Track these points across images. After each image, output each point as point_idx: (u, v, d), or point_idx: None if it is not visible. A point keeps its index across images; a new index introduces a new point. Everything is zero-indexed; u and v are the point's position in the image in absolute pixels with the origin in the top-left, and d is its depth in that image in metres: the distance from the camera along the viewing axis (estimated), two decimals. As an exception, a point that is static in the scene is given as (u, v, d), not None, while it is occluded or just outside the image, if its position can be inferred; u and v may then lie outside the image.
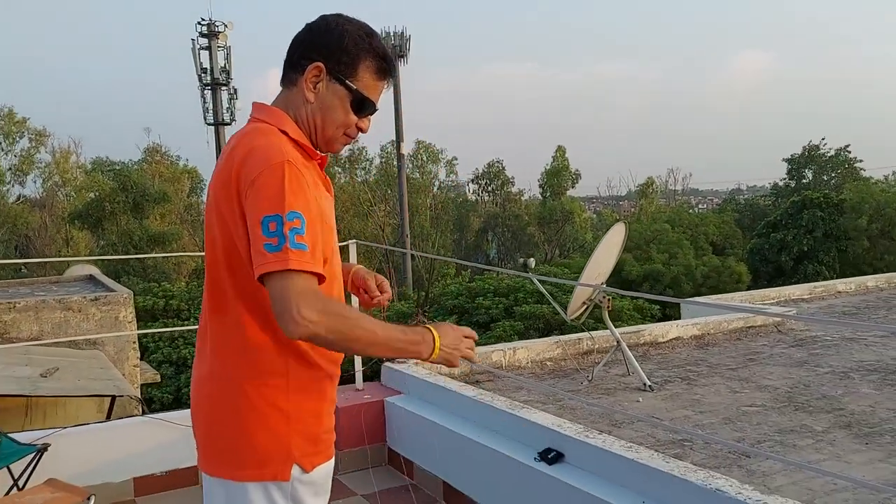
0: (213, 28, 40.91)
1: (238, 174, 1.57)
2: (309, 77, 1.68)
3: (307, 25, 1.73)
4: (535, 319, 18.29)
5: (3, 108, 36.68)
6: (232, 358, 1.63)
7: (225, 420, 1.64)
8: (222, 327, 1.65)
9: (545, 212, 44.44)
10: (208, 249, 1.67)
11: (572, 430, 3.27)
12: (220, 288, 1.65)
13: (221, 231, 1.62)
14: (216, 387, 1.66)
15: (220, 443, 1.65)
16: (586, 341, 5.59)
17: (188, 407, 1.82)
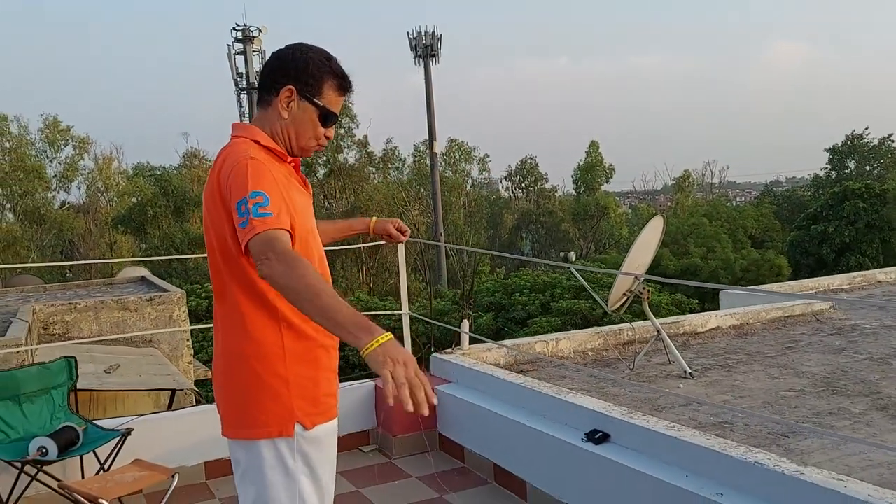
0: (248, 33, 41.61)
1: (219, 181, 1.93)
2: (282, 98, 2.03)
3: (275, 54, 2.08)
4: (573, 315, 18.37)
5: (49, 117, 37.78)
6: (237, 336, 1.95)
7: (238, 389, 1.95)
8: (226, 311, 1.98)
9: (579, 207, 44.36)
10: (209, 248, 1.99)
11: (617, 412, 3.46)
12: (220, 278, 1.98)
13: (215, 231, 1.95)
14: (228, 362, 1.97)
15: (236, 409, 1.96)
16: (627, 332, 5.75)
17: None
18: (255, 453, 1.92)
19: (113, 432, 3.77)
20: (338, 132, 38.21)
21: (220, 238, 1.95)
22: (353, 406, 4.74)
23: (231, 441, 1.99)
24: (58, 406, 3.93)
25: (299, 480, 1.94)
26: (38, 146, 37.56)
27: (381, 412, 4.74)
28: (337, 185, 37.66)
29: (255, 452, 1.93)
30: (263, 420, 1.91)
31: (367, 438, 4.76)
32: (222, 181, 1.91)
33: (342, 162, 38.25)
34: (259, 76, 2.10)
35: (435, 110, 39.40)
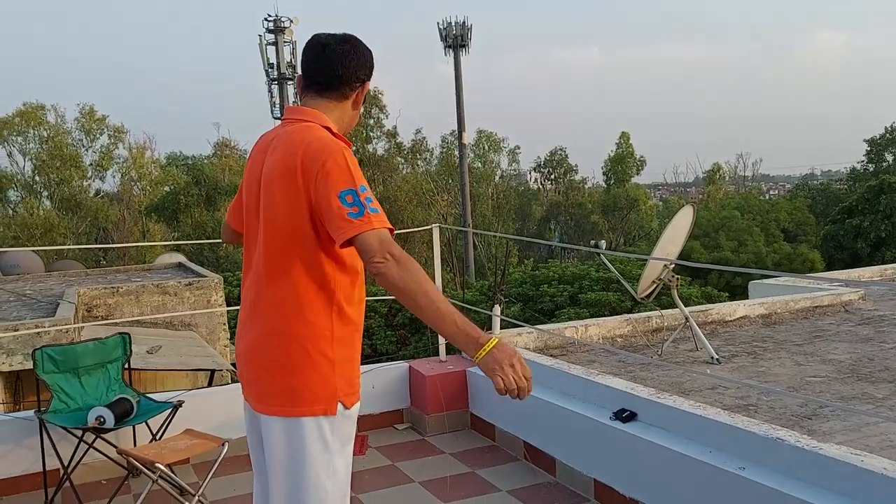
0: (280, 24, 41.98)
1: (302, 163, 1.94)
2: (362, 93, 2.16)
3: (353, 47, 2.13)
4: (602, 307, 18.41)
5: (85, 107, 38.48)
6: (291, 317, 1.99)
7: (287, 368, 1.99)
8: (280, 291, 2.01)
9: (609, 199, 44.15)
10: (269, 229, 2.01)
11: (644, 392, 3.60)
12: (282, 259, 2.00)
13: (287, 211, 1.97)
14: (279, 341, 2.01)
15: (279, 386, 2.00)
16: (655, 319, 5.87)
17: None
18: (299, 430, 1.99)
19: (165, 404, 4.00)
20: (367, 123, 38.47)
21: (295, 219, 1.97)
22: (388, 386, 4.93)
23: (267, 417, 2.03)
24: (113, 379, 4.17)
25: (334, 455, 2.04)
26: (75, 135, 38.33)
27: (415, 392, 4.92)
28: (366, 175, 37.91)
29: (295, 428, 1.99)
30: (310, 398, 1.99)
31: (400, 417, 4.95)
32: (307, 164, 1.94)
33: (371, 152, 38.50)
34: (329, 64, 2.12)
35: (464, 101, 39.50)
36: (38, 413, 3.90)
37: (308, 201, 1.95)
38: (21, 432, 4.03)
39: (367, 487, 3.99)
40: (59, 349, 4.05)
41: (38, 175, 37.36)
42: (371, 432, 4.73)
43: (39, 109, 37.13)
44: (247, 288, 2.13)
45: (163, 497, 3.74)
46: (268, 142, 2.12)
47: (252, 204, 2.10)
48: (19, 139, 37.05)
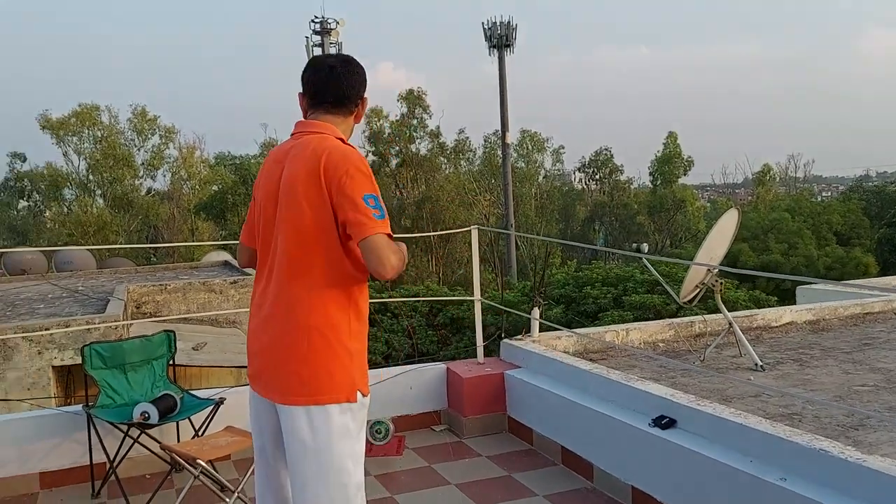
0: (326, 25, 42.43)
1: (326, 166, 2.13)
2: (363, 107, 2.39)
3: (354, 67, 2.35)
4: (646, 310, 18.16)
5: (137, 108, 39.44)
6: (317, 312, 2.16)
7: (310, 359, 2.16)
8: (305, 288, 2.17)
9: (655, 200, 43.56)
10: (291, 229, 2.17)
11: (684, 399, 3.54)
12: (305, 257, 2.17)
13: (314, 213, 2.14)
14: (304, 335, 2.16)
15: (304, 377, 2.16)
16: (699, 324, 5.77)
17: None
18: (324, 416, 2.16)
19: (207, 401, 4.08)
20: (410, 122, 38.61)
21: (320, 219, 2.15)
22: (425, 387, 4.95)
23: (293, 408, 2.17)
24: (158, 375, 4.27)
25: (355, 440, 2.21)
26: (127, 135, 39.29)
27: (453, 394, 4.92)
28: (408, 175, 38.10)
29: (323, 416, 2.16)
30: (333, 387, 2.17)
31: (437, 418, 4.97)
32: (331, 167, 2.14)
33: (414, 152, 38.63)
34: (344, 86, 2.33)
35: (508, 100, 39.39)
36: (85, 408, 4.02)
37: (330, 201, 2.14)
38: (70, 426, 4.15)
39: (404, 488, 4.02)
40: (107, 346, 4.17)
41: (92, 174, 38.41)
42: (408, 433, 4.75)
43: (94, 110, 38.17)
44: (261, 291, 2.30)
45: (204, 492, 3.81)
46: (284, 152, 2.29)
47: (269, 212, 2.26)
48: (74, 139, 38.16)
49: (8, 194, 41.00)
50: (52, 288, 11.22)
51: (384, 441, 4.47)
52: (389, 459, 4.40)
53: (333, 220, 2.15)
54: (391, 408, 4.75)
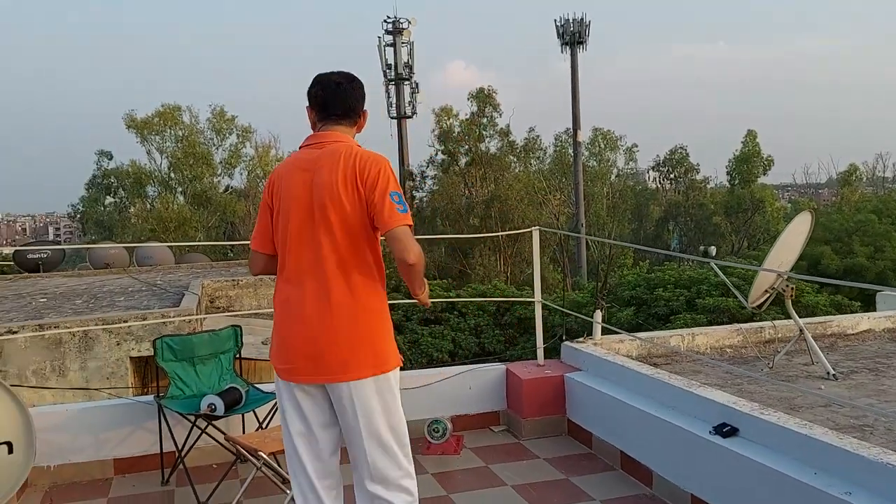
0: (398, 25, 42.86)
1: (360, 171, 2.48)
2: (364, 119, 2.70)
3: (356, 83, 2.67)
4: (719, 313, 17.66)
5: (216, 108, 40.73)
6: (370, 295, 2.54)
7: (370, 337, 2.53)
8: (356, 272, 2.52)
9: (733, 200, 42.31)
10: (340, 228, 2.49)
11: (747, 407, 3.45)
12: (357, 251, 2.51)
13: (353, 208, 2.48)
14: (367, 316, 2.53)
15: (368, 353, 2.52)
16: (768, 330, 5.59)
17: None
18: (387, 382, 2.57)
19: (271, 395, 4.19)
20: (480, 121, 38.59)
21: (362, 217, 2.50)
22: (485, 387, 4.95)
23: (358, 382, 2.51)
24: (225, 369, 4.42)
25: (398, 397, 2.62)
26: (207, 135, 40.61)
27: (512, 395, 4.92)
28: (478, 173, 38.08)
29: (384, 382, 2.56)
30: (386, 357, 2.57)
31: (497, 419, 4.97)
32: (363, 169, 2.49)
33: (483, 151, 38.60)
34: (351, 100, 2.65)
35: (580, 98, 38.95)
36: (156, 398, 4.19)
37: (363, 198, 2.48)
38: (142, 415, 4.34)
39: (460, 487, 4.04)
40: (178, 339, 4.34)
41: (173, 172, 39.87)
42: (466, 433, 4.77)
43: (176, 110, 39.62)
44: (299, 283, 2.56)
45: (266, 484, 3.92)
46: (310, 161, 2.58)
47: (304, 214, 2.54)
48: (157, 138, 39.70)
49: (96, 191, 42.93)
50: (132, 282, 11.73)
51: (442, 440, 4.50)
52: (447, 458, 4.43)
53: (368, 216, 2.49)
54: (450, 407, 4.78)
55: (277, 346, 2.63)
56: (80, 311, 8.63)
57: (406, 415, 4.85)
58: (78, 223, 46.94)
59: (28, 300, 9.95)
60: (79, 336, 7.17)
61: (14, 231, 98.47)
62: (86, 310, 8.71)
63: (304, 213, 2.52)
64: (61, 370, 7.08)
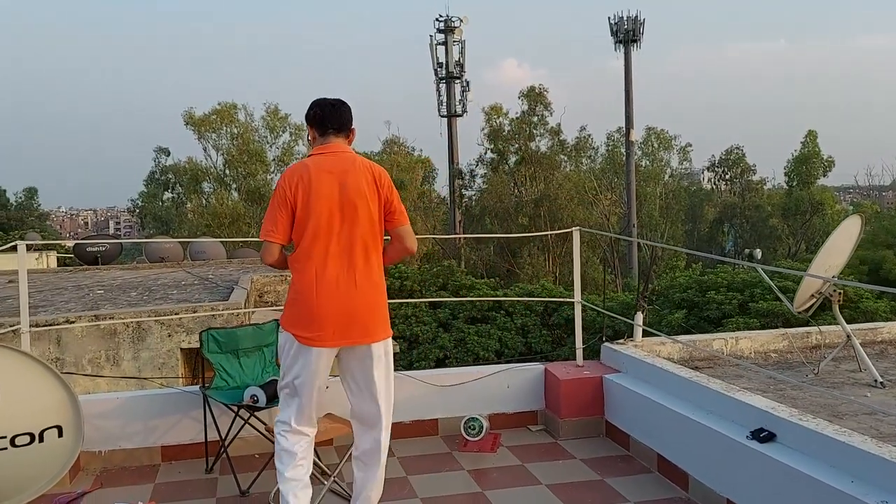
0: (450, 24, 42.95)
1: (377, 177, 3.17)
2: (352, 135, 3.29)
3: (345, 105, 3.28)
4: (773, 317, 17.25)
5: (270, 106, 41.48)
6: (380, 275, 3.21)
7: (384, 309, 3.22)
8: (377, 261, 3.19)
9: (791, 202, 41.26)
10: (367, 222, 3.12)
11: (785, 413, 3.39)
12: (376, 241, 3.16)
13: (375, 207, 3.14)
14: (380, 291, 3.21)
15: (384, 320, 3.22)
16: (815, 335, 5.47)
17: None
18: (390, 344, 3.27)
19: (310, 388, 4.29)
20: (531, 120, 38.41)
21: (378, 211, 3.17)
22: (524, 387, 4.97)
23: (378, 343, 3.20)
24: (268, 361, 4.53)
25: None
26: (260, 132, 41.39)
27: (550, 395, 4.92)
28: (527, 172, 37.94)
29: (389, 344, 3.26)
30: (389, 326, 3.25)
31: (534, 419, 4.97)
32: (380, 177, 3.20)
33: (533, 150, 38.42)
34: (344, 117, 3.25)
35: (633, 97, 38.45)
36: (202, 389, 4.33)
37: (382, 199, 3.18)
38: (189, 405, 4.49)
39: (495, 485, 4.06)
40: (223, 332, 4.46)
41: (228, 169, 40.76)
42: (504, 431, 4.79)
43: (232, 108, 40.49)
44: (333, 265, 3.10)
45: (304, 475, 4.00)
46: (333, 165, 3.15)
47: (335, 208, 3.10)
48: (213, 135, 40.63)
49: (154, 186, 44.19)
50: (185, 275, 12.07)
51: (478, 437, 4.53)
52: (483, 456, 4.46)
53: (381, 212, 3.18)
54: (487, 405, 4.81)
55: (307, 317, 3.11)
56: (135, 303, 8.92)
57: (443, 411, 4.91)
58: (137, 218, 48.42)
59: (86, 291, 10.34)
60: (132, 327, 7.43)
61: (76, 225, 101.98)
62: (140, 302, 9.00)
63: (339, 207, 3.08)
64: (115, 359, 7.34)
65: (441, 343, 20.53)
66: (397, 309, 20.83)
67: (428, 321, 21.07)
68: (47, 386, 3.09)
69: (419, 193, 41.88)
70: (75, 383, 6.58)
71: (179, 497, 3.99)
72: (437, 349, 20.37)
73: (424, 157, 44.70)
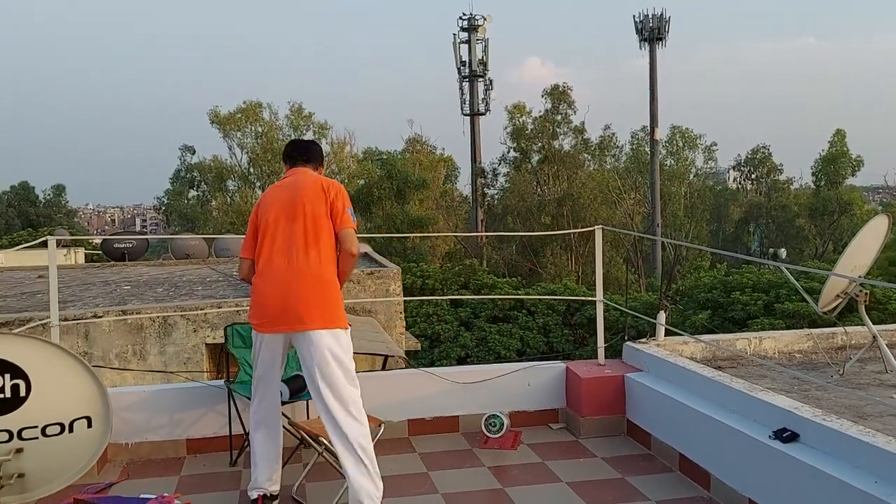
0: (474, 22, 42.94)
1: (325, 187, 3.52)
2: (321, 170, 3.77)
3: (313, 144, 3.92)
4: (800, 318, 17.07)
5: (294, 104, 41.73)
6: (328, 268, 3.45)
7: (331, 299, 3.45)
8: (320, 252, 3.44)
9: (818, 202, 40.73)
10: (310, 220, 3.45)
11: (809, 413, 3.37)
12: (318, 233, 3.44)
13: (321, 209, 3.46)
14: (325, 282, 3.44)
15: (328, 310, 3.43)
16: (840, 336, 5.41)
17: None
18: (342, 335, 3.48)
19: (333, 384, 4.33)
20: (554, 118, 38.25)
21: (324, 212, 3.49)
22: (545, 385, 4.97)
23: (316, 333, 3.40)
24: (291, 357, 4.57)
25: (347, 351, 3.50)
26: (285, 131, 41.61)
27: (571, 393, 4.92)
28: (550, 171, 37.80)
29: (341, 335, 3.47)
30: (341, 316, 3.48)
31: (555, 417, 4.98)
32: (328, 186, 3.55)
33: (557, 148, 38.27)
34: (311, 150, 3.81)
35: (658, 96, 38.18)
36: (227, 383, 4.39)
37: (328, 204, 3.51)
38: (214, 399, 4.55)
39: (515, 482, 4.08)
40: (247, 327, 4.50)
41: (252, 167, 41.08)
42: (524, 429, 4.80)
43: (257, 107, 40.79)
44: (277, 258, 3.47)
45: (327, 469, 4.06)
46: (288, 183, 3.63)
47: (282, 210, 3.51)
48: (238, 134, 40.96)
49: (180, 184, 44.63)
50: (210, 272, 12.21)
51: (499, 434, 4.55)
52: (504, 453, 4.48)
53: (329, 215, 3.50)
54: (508, 403, 4.83)
55: (254, 305, 3.54)
56: (161, 298, 9.05)
57: (464, 409, 4.93)
58: (163, 215, 48.95)
59: (113, 287, 10.50)
60: (158, 322, 7.54)
61: (104, 221, 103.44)
62: (166, 297, 9.13)
63: (283, 210, 3.49)
64: (142, 354, 7.46)
65: (462, 342, 20.58)
66: (418, 307, 20.92)
67: (449, 320, 21.14)
68: (77, 377, 3.16)
69: (441, 192, 41.90)
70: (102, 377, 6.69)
71: (204, 489, 4.05)
72: (458, 348, 20.43)
73: (447, 156, 44.75)
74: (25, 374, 3.01)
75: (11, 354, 2.98)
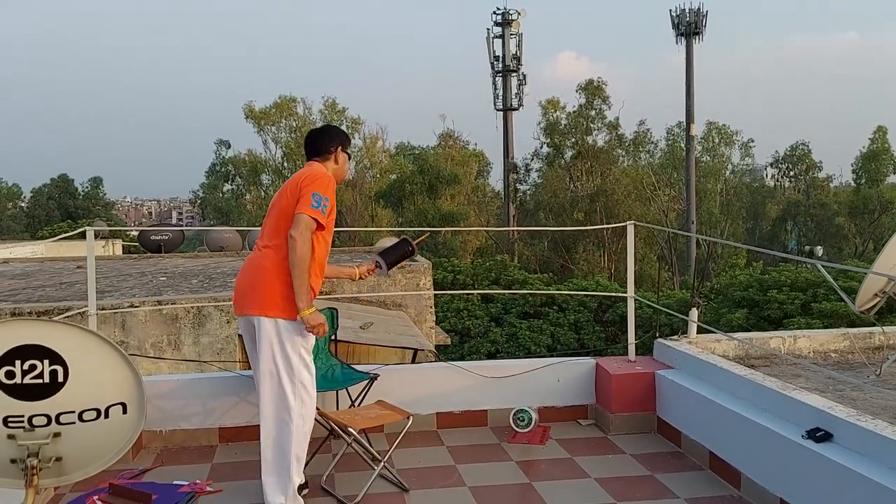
0: (507, 17, 42.77)
1: (301, 178, 3.54)
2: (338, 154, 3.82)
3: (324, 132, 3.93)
4: (838, 319, 16.74)
5: (328, 99, 42.03)
6: (281, 259, 3.46)
7: (277, 288, 3.46)
8: (278, 245, 3.49)
9: (858, 201, 39.89)
10: (279, 212, 3.54)
11: (843, 413, 3.31)
12: (279, 227, 3.50)
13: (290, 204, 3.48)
14: (264, 268, 3.51)
15: (265, 298, 3.47)
16: (878, 336, 5.31)
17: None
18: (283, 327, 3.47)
19: (363, 375, 4.37)
20: (588, 114, 37.97)
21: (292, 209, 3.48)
22: (574, 381, 4.95)
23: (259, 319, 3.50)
24: (321, 349, 4.61)
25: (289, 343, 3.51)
26: (318, 125, 41.89)
27: (601, 389, 4.89)
28: (583, 167, 37.56)
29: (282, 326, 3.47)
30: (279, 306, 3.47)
31: (585, 413, 4.96)
32: (301, 181, 3.55)
33: (590, 144, 37.98)
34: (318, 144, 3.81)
35: (694, 91, 37.68)
36: (258, 373, 4.44)
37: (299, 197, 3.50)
38: (246, 388, 4.61)
39: (543, 477, 4.08)
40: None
41: (286, 161, 41.47)
42: (554, 424, 4.79)
43: (292, 102, 41.17)
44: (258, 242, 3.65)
45: (355, 459, 4.10)
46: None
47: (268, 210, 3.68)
48: (273, 128, 41.38)
49: (215, 178, 45.24)
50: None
51: (527, 429, 4.54)
52: (532, 447, 4.47)
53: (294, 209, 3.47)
54: (537, 398, 4.82)
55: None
56: (196, 289, 9.20)
57: (493, 403, 4.93)
58: (198, 208, 49.68)
59: (150, 278, 10.69)
60: (193, 313, 7.66)
61: (141, 214, 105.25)
62: (200, 289, 9.27)
63: (269, 206, 3.68)
64: (176, 344, 7.59)
65: (493, 337, 20.58)
66: (449, 302, 20.95)
67: (480, 315, 21.15)
68: (113, 364, 3.22)
69: (473, 188, 41.85)
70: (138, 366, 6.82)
71: (235, 477, 4.11)
72: (488, 343, 20.42)
73: (479, 151, 44.65)
74: (63, 361, 3.08)
75: (50, 341, 3.05)
